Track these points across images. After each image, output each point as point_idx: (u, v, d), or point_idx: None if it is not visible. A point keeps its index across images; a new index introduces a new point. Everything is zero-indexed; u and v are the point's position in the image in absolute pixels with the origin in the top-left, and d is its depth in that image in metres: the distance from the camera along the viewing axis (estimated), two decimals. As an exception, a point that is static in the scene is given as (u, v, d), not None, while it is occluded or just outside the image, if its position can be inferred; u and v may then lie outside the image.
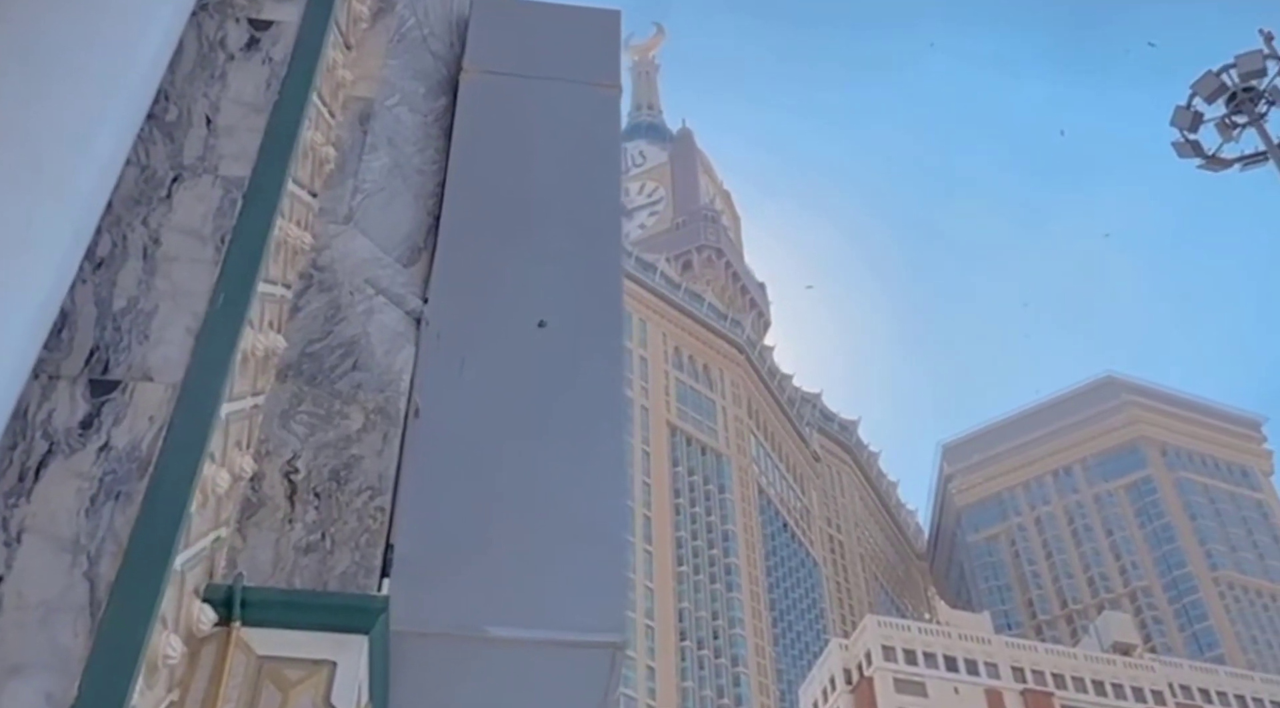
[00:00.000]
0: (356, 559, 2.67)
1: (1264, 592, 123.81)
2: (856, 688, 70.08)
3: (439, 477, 2.97)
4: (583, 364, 3.37)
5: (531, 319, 3.45)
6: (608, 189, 3.95)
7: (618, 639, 2.76)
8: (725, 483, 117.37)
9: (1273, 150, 15.07)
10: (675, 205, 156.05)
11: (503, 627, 2.73)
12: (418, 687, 2.75)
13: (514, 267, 3.60)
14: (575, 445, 3.15)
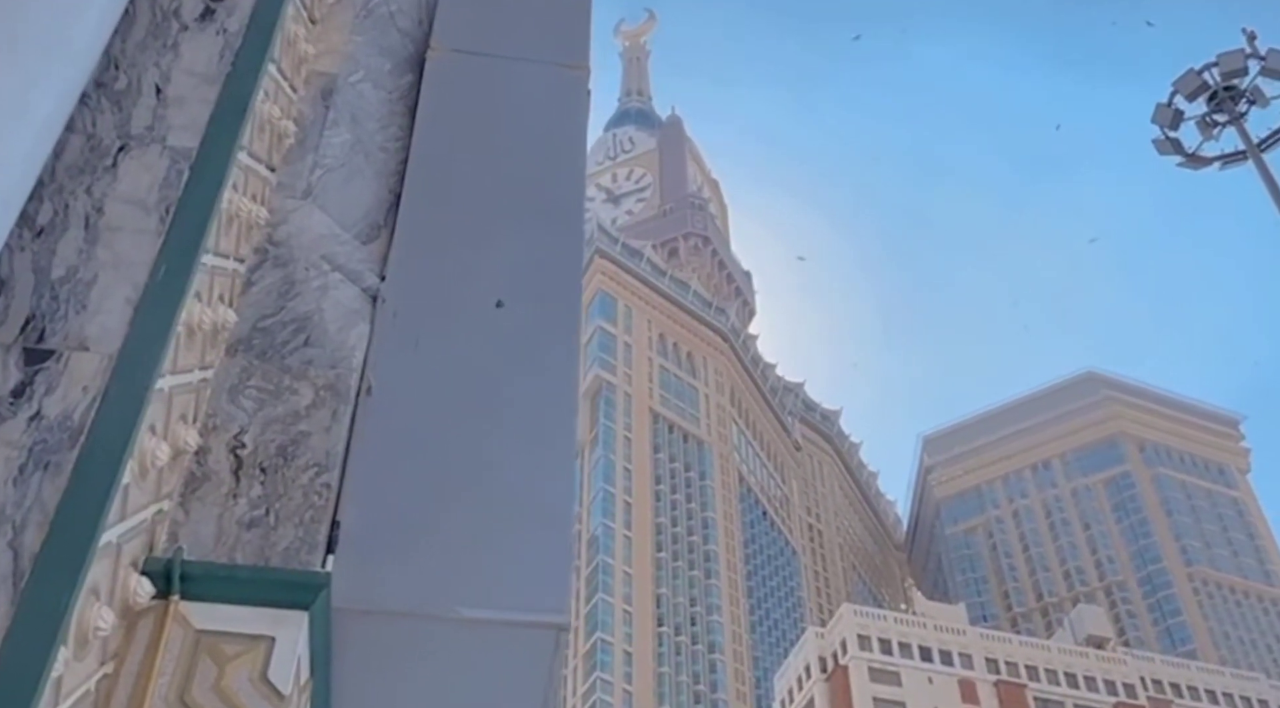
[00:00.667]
0: (300, 535, 2.66)
1: (1237, 589, 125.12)
2: (831, 677, 70.49)
3: (389, 455, 2.96)
4: (539, 346, 3.37)
5: (489, 299, 3.43)
6: (572, 172, 3.94)
7: (562, 620, 2.76)
8: (706, 470, 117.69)
9: (1252, 150, 15.12)
10: (663, 192, 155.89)
11: (447, 606, 2.73)
12: (362, 665, 2.75)
13: (473, 246, 3.58)
14: (527, 427, 3.14)
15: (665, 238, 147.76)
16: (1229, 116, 15.40)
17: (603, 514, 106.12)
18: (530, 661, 2.79)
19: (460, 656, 2.76)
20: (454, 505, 2.91)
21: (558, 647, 2.79)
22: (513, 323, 3.39)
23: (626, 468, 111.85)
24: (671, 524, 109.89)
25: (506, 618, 2.75)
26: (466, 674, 2.79)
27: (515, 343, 3.34)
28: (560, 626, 2.77)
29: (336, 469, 2.82)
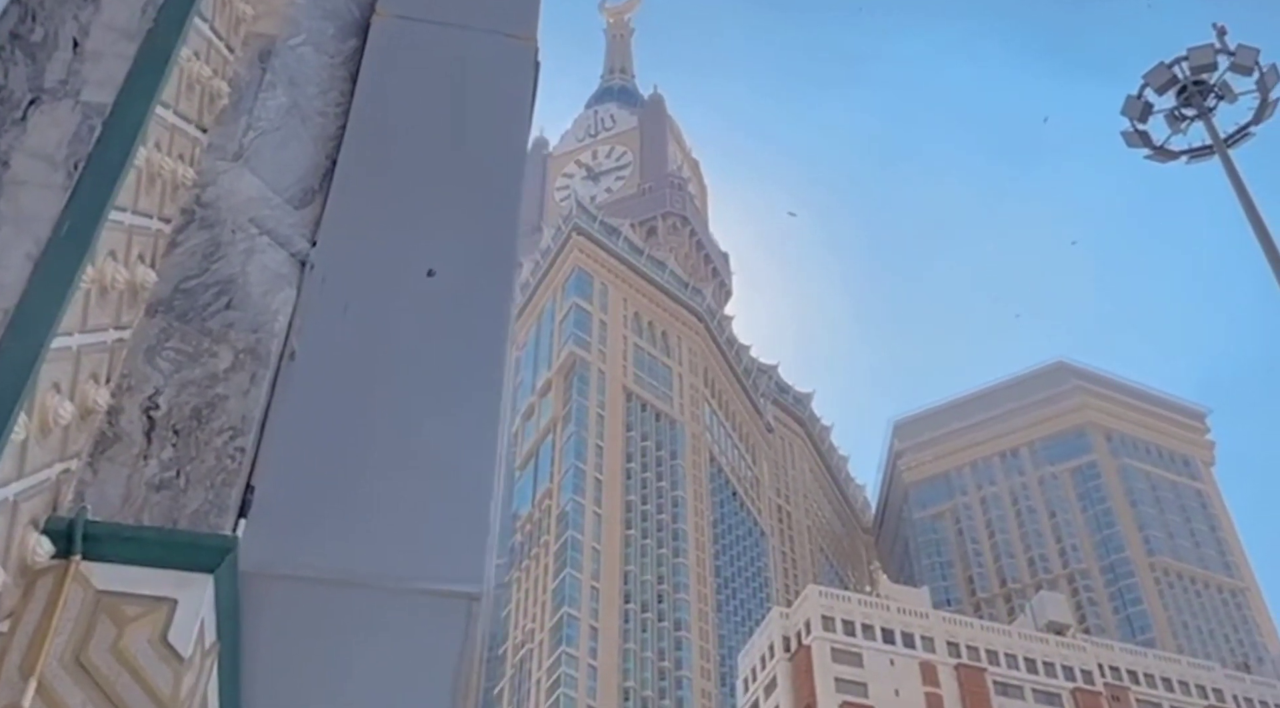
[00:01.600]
0: (210, 498, 2.64)
1: (1197, 579, 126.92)
2: (795, 656, 71.07)
3: (308, 421, 2.94)
4: (469, 317, 3.35)
5: (421, 268, 3.41)
6: (513, 143, 3.91)
7: (475, 590, 2.76)
8: (678, 450, 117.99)
9: (1218, 144, 15.21)
10: (643, 171, 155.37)
11: (359, 573, 2.72)
12: (273, 630, 2.74)
13: (408, 215, 3.56)
14: (452, 398, 3.13)
15: (644, 217, 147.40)
16: (1197, 111, 15.51)
17: (573, 491, 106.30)
18: (444, 630, 2.79)
19: (373, 623, 2.76)
20: (372, 474, 2.90)
21: (471, 617, 2.79)
22: (444, 292, 3.37)
23: (598, 445, 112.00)
24: (641, 502, 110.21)
25: (420, 587, 2.75)
26: (380, 642, 2.79)
27: (445, 313, 3.33)
28: (473, 596, 2.77)
29: (253, 433, 2.80)
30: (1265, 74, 15.30)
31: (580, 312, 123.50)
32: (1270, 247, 14.49)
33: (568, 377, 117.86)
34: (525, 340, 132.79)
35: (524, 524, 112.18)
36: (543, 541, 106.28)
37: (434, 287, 3.37)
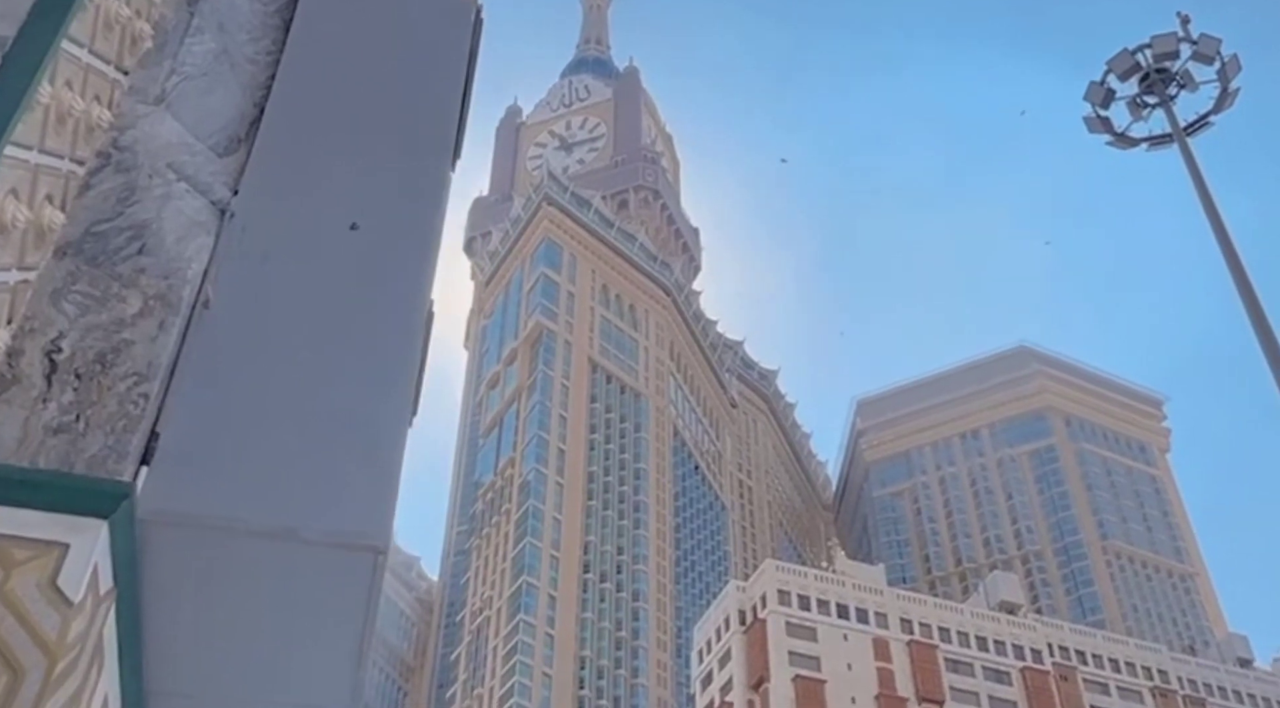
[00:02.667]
0: (110, 444, 2.61)
1: (1148, 563, 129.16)
2: (750, 629, 71.71)
3: (219, 369, 2.91)
4: (390, 272, 3.32)
5: (345, 221, 3.38)
6: (446, 98, 3.86)
7: (379, 544, 2.74)
8: (642, 422, 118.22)
9: (1178, 133, 15.36)
10: (616, 143, 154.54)
11: (262, 522, 2.70)
12: (176, 579, 2.71)
13: (335, 167, 3.51)
14: (366, 352, 3.10)
15: (616, 189, 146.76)
16: (1159, 99, 15.65)
17: (535, 460, 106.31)
18: (348, 583, 2.78)
19: (276, 573, 2.74)
20: (281, 425, 2.87)
21: (375, 571, 2.78)
22: (365, 246, 3.34)
23: (562, 416, 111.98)
24: (604, 473, 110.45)
25: (325, 539, 2.74)
26: (282, 592, 2.77)
27: (365, 267, 3.30)
28: (377, 549, 2.76)
29: (158, 380, 2.76)
30: (1226, 64, 15.47)
31: (548, 282, 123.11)
32: (1224, 236, 14.68)
33: (534, 347, 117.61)
34: (492, 309, 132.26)
35: (486, 492, 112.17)
36: (504, 509, 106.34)
37: (356, 240, 3.34)
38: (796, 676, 68.33)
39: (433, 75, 3.88)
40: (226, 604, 2.79)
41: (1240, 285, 13.71)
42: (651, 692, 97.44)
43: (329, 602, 2.79)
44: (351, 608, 2.80)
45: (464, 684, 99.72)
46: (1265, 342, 13.42)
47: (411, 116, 3.76)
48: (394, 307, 3.24)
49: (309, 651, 2.84)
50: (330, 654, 2.94)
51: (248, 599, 2.79)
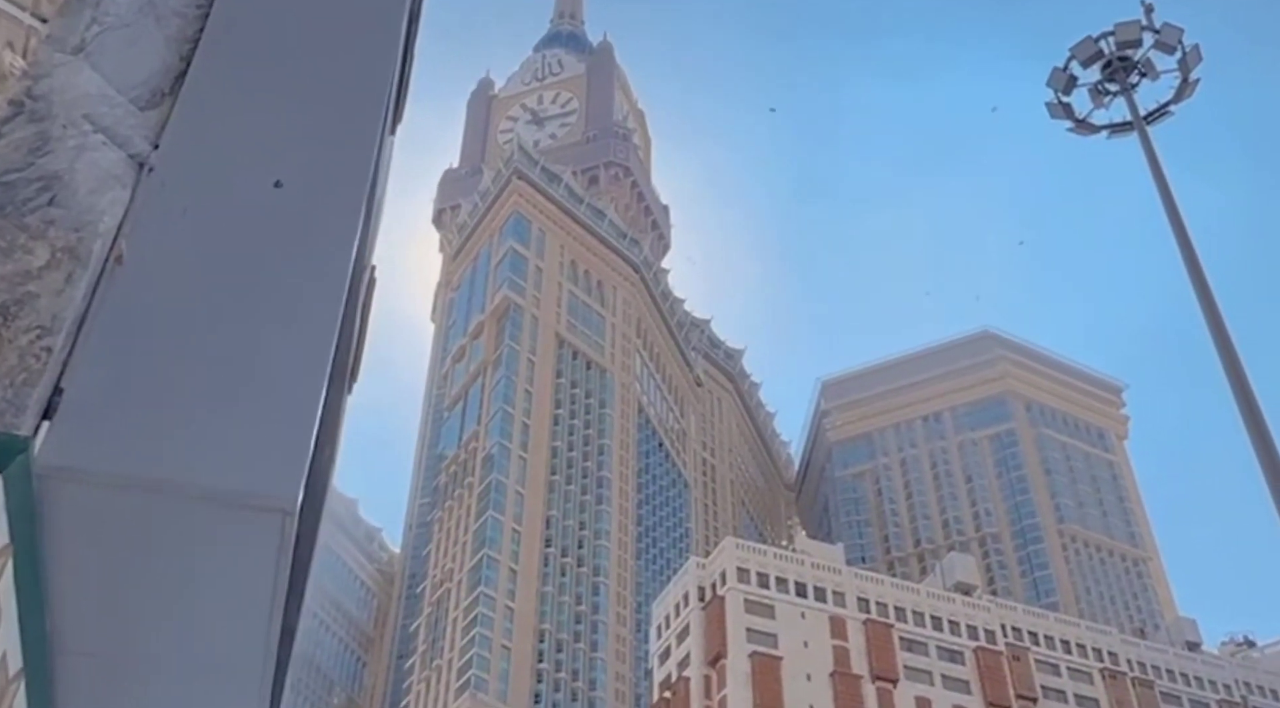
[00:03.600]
0: (8, 397, 2.55)
1: (1103, 547, 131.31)
2: (708, 606, 72.24)
3: (129, 325, 2.85)
4: (314, 231, 3.27)
5: (269, 178, 3.32)
6: (380, 58, 3.80)
7: (287, 506, 2.70)
8: (607, 398, 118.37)
9: (1138, 121, 15.50)
10: (588, 119, 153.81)
11: (166, 479, 2.65)
12: (78, 534, 2.67)
13: (261, 123, 3.44)
14: (284, 312, 3.05)
15: (586, 165, 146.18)
16: (1120, 87, 15.77)
17: (500, 434, 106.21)
18: (255, 543, 2.74)
19: (181, 531, 2.70)
20: (191, 382, 2.82)
21: (284, 533, 2.75)
22: (290, 205, 3.28)
23: (527, 390, 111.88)
24: (568, 448, 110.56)
25: (230, 498, 2.69)
26: (188, 551, 2.74)
27: (289, 225, 3.24)
28: (286, 511, 2.72)
29: (63, 334, 2.70)
30: (1188, 54, 15.60)
31: (516, 256, 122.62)
32: (1179, 225, 14.84)
33: (500, 321, 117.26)
34: (460, 282, 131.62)
35: (449, 465, 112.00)
36: (467, 482, 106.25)
37: (280, 198, 3.28)
38: (753, 652, 68.97)
39: (368, 34, 3.81)
40: (131, 563, 2.76)
41: (1192, 273, 13.88)
42: (610, 666, 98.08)
43: (236, 562, 2.76)
44: (259, 570, 2.77)
45: (423, 656, 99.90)
46: (1215, 330, 13.61)
47: (343, 76, 3.69)
48: (316, 267, 3.19)
49: (217, 611, 2.81)
50: (239, 616, 2.92)
51: (152, 558, 2.76)
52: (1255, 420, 13.14)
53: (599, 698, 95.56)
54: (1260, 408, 13.41)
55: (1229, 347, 13.87)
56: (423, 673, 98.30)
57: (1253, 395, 13.37)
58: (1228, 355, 13.80)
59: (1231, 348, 13.82)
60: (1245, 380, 13.63)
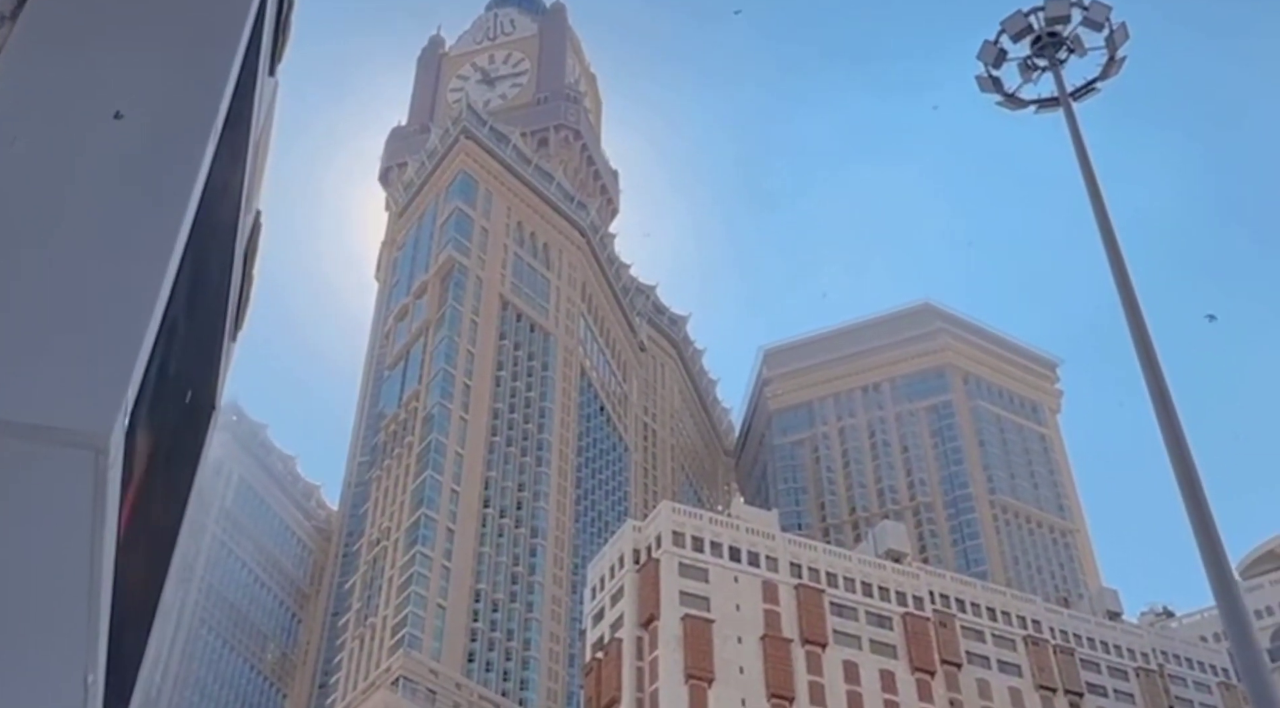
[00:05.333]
0: None
1: (1032, 518, 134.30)
2: (643, 568, 72.82)
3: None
4: (153, 165, 3.19)
5: (109, 109, 3.23)
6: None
7: (100, 443, 2.64)
8: (549, 361, 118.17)
9: (1064, 97, 15.68)
10: (539, 80, 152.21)
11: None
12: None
13: (105, 53, 3.35)
14: (116, 246, 2.98)
15: (536, 127, 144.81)
16: (1048, 62, 15.93)
17: (440, 394, 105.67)
18: (66, 480, 2.68)
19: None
20: (7, 313, 2.75)
21: (97, 471, 2.69)
22: (129, 137, 3.20)
23: (470, 351, 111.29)
24: (509, 410, 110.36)
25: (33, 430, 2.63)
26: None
27: (127, 158, 3.16)
28: (98, 447, 2.66)
29: None
30: (1115, 31, 15.78)
31: (462, 216, 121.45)
32: (1099, 203, 15.08)
33: (444, 280, 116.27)
34: (404, 241, 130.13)
35: (389, 424, 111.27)
36: (406, 441, 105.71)
37: (119, 130, 3.20)
38: (685, 615, 69.75)
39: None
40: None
41: (1109, 247, 14.12)
42: (545, 626, 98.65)
43: (44, 501, 2.70)
44: (72, 510, 2.70)
45: (358, 613, 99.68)
46: (1127, 305, 13.88)
47: (198, 7, 3.60)
48: (152, 202, 3.12)
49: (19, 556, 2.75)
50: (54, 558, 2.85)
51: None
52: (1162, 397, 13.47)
53: (533, 658, 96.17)
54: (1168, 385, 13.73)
55: (1140, 325, 14.16)
56: (357, 630, 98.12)
57: (1161, 375, 13.68)
58: (1140, 336, 14.09)
59: (1143, 326, 14.11)
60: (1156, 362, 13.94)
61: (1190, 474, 12.60)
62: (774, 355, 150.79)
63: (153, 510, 3.61)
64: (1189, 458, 12.79)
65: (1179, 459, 12.94)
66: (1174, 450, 13.01)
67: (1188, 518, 12.63)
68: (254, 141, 4.27)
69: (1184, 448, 13.13)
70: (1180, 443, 13.17)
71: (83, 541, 2.78)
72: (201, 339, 3.86)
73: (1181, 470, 12.90)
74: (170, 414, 3.66)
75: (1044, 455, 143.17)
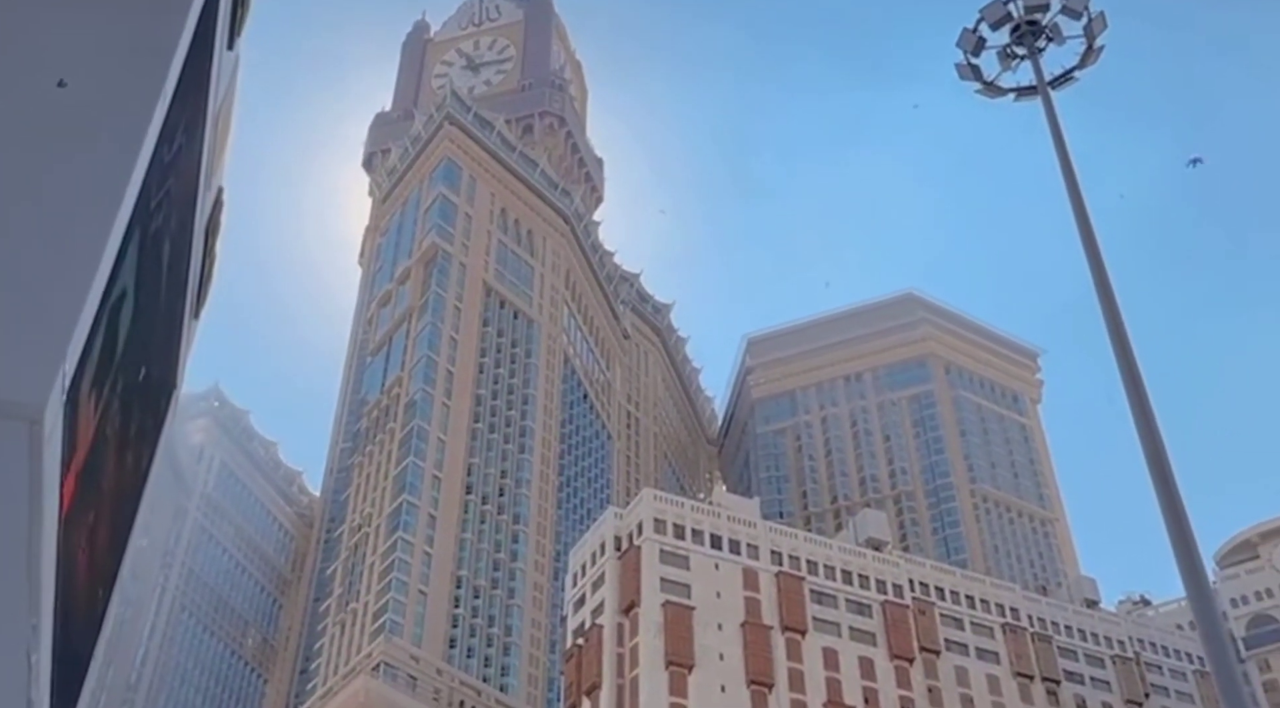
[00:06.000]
0: None
1: (1012, 507, 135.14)
2: (624, 555, 73.00)
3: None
4: (97, 134, 3.15)
5: (53, 77, 3.19)
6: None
7: (34, 414, 2.60)
8: (533, 349, 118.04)
9: (1042, 85, 15.71)
10: (524, 67, 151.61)
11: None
12: None
13: (50, 19, 3.30)
14: (57, 217, 2.95)
15: (521, 114, 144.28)
16: (1027, 50, 15.95)
17: (423, 381, 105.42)
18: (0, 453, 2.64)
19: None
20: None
21: (31, 442, 2.65)
22: (73, 106, 3.16)
23: (453, 337, 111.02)
24: (492, 397, 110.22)
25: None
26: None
27: (70, 127, 3.12)
28: (32, 418, 2.62)
29: None
30: (1093, 20, 15.82)
31: (446, 202, 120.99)
32: (1075, 192, 15.12)
33: (428, 267, 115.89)
34: (388, 227, 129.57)
35: (371, 410, 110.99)
36: (388, 428, 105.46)
37: (63, 98, 3.16)
38: (666, 602, 70.00)
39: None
40: None
41: (1084, 235, 14.18)
42: (527, 613, 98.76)
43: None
44: (7, 482, 2.67)
45: (339, 599, 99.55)
46: (1102, 293, 13.93)
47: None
48: (97, 172, 3.08)
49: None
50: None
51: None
52: (1136, 387, 13.53)
53: (514, 644, 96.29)
54: (1142, 375, 13.80)
55: (1115, 312, 14.22)
56: (338, 616, 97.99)
57: (1135, 364, 13.75)
58: (1114, 325, 14.16)
59: (1117, 314, 14.17)
60: (1130, 350, 14.01)
61: (1163, 467, 12.66)
62: (757, 344, 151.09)
63: (104, 488, 3.56)
64: (1162, 450, 12.84)
65: (1152, 452, 13.00)
66: (1147, 443, 13.07)
67: (1160, 509, 12.70)
68: (212, 115, 4.22)
69: (1158, 440, 13.20)
70: (1154, 435, 13.24)
71: (20, 513, 2.74)
72: (158, 315, 3.81)
73: (1155, 464, 12.95)
74: (122, 390, 3.61)
75: (1024, 445, 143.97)
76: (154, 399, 4.14)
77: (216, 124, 4.58)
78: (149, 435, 4.10)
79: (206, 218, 4.27)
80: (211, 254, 4.72)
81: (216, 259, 4.52)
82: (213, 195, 4.55)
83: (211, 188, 4.61)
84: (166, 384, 4.34)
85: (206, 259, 4.67)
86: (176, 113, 3.45)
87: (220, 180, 4.97)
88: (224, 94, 4.60)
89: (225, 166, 4.78)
